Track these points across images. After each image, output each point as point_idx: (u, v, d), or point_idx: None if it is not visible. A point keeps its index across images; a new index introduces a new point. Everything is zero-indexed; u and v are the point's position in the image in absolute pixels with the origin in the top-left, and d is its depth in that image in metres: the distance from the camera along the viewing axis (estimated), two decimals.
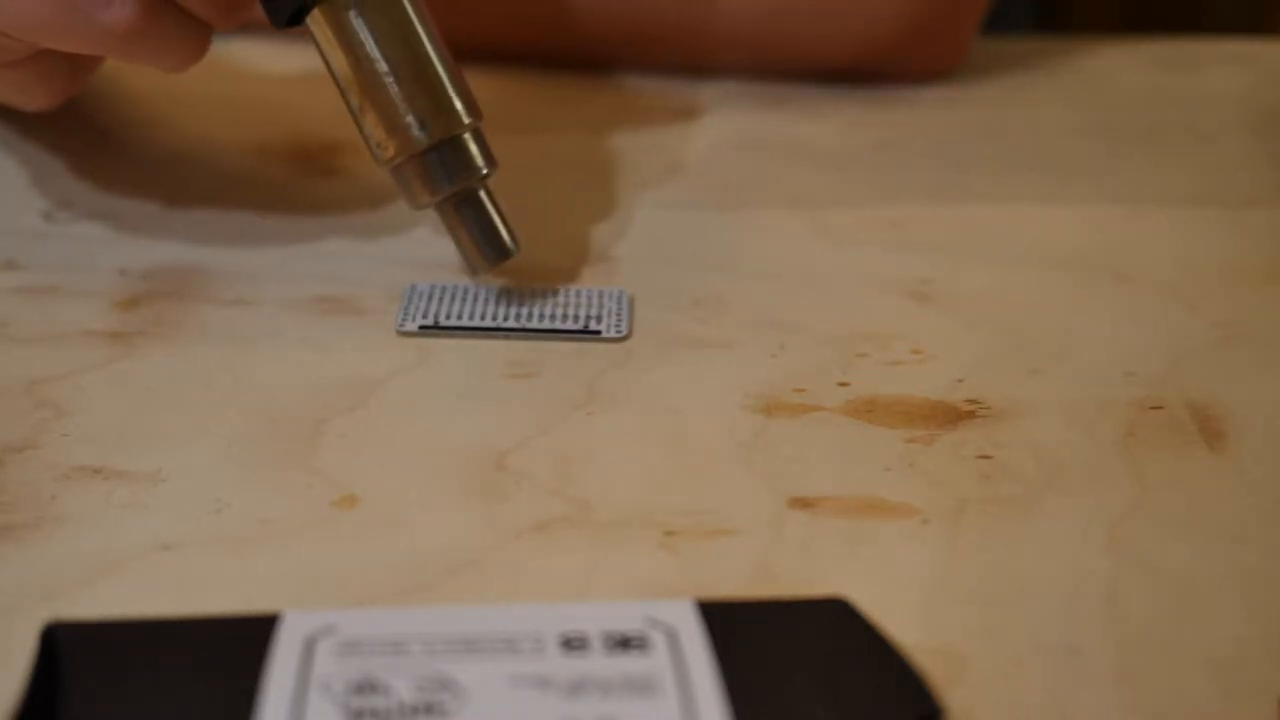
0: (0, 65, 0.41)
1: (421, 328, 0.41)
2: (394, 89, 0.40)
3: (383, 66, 0.40)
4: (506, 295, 0.43)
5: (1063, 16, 1.02)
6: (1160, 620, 0.33)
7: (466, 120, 0.41)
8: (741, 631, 0.31)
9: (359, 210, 0.47)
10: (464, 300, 0.42)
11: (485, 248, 0.41)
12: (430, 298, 0.42)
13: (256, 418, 0.38)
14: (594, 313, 0.42)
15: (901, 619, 0.32)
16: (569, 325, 0.42)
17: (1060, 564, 0.34)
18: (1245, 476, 0.37)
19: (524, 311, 0.42)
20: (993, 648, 0.32)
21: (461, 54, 0.42)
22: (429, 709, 0.29)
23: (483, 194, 0.41)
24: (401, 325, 0.41)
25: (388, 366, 0.40)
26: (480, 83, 0.42)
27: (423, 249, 0.45)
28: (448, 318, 0.42)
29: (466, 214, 0.41)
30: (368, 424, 0.38)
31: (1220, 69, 0.59)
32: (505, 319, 0.42)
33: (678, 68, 0.56)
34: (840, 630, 0.31)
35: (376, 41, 0.40)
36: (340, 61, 0.40)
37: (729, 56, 0.56)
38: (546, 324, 0.42)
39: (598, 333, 0.41)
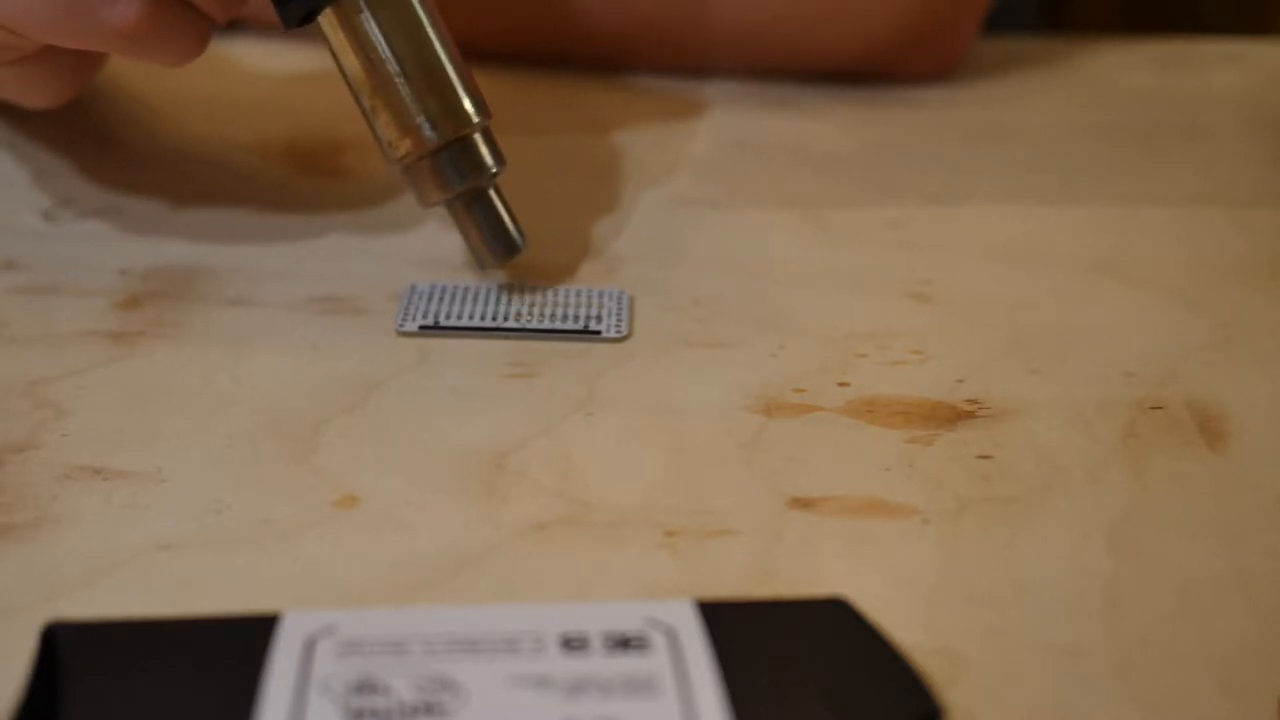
0: (6, 63, 0.41)
1: (421, 328, 0.41)
2: (405, 89, 0.40)
3: (394, 67, 0.40)
4: (507, 295, 0.43)
5: (1063, 16, 1.02)
6: (1160, 620, 0.33)
7: (476, 120, 0.41)
8: (741, 631, 0.31)
9: (359, 210, 0.47)
10: (464, 300, 0.42)
11: (494, 244, 0.42)
12: (430, 298, 0.42)
13: (256, 418, 0.38)
14: (594, 313, 0.42)
15: (901, 619, 0.32)
16: (569, 325, 0.42)
17: (1060, 564, 0.34)
18: (1245, 476, 0.37)
19: (524, 311, 0.42)
20: (993, 648, 0.32)
21: (463, 54, 0.42)
22: (429, 709, 0.29)
23: (492, 192, 0.42)
24: (401, 325, 0.41)
25: (388, 366, 0.40)
26: (481, 82, 0.42)
27: (423, 248, 0.45)
28: (448, 318, 0.42)
29: (476, 212, 0.42)
30: (368, 424, 0.38)
31: (1220, 69, 0.59)
32: (505, 319, 0.42)
33: (678, 68, 0.56)
34: (840, 630, 0.31)
35: (388, 42, 0.40)
36: (352, 62, 0.41)
37: (729, 57, 0.56)
38: (546, 324, 0.42)
39: (598, 333, 0.41)
